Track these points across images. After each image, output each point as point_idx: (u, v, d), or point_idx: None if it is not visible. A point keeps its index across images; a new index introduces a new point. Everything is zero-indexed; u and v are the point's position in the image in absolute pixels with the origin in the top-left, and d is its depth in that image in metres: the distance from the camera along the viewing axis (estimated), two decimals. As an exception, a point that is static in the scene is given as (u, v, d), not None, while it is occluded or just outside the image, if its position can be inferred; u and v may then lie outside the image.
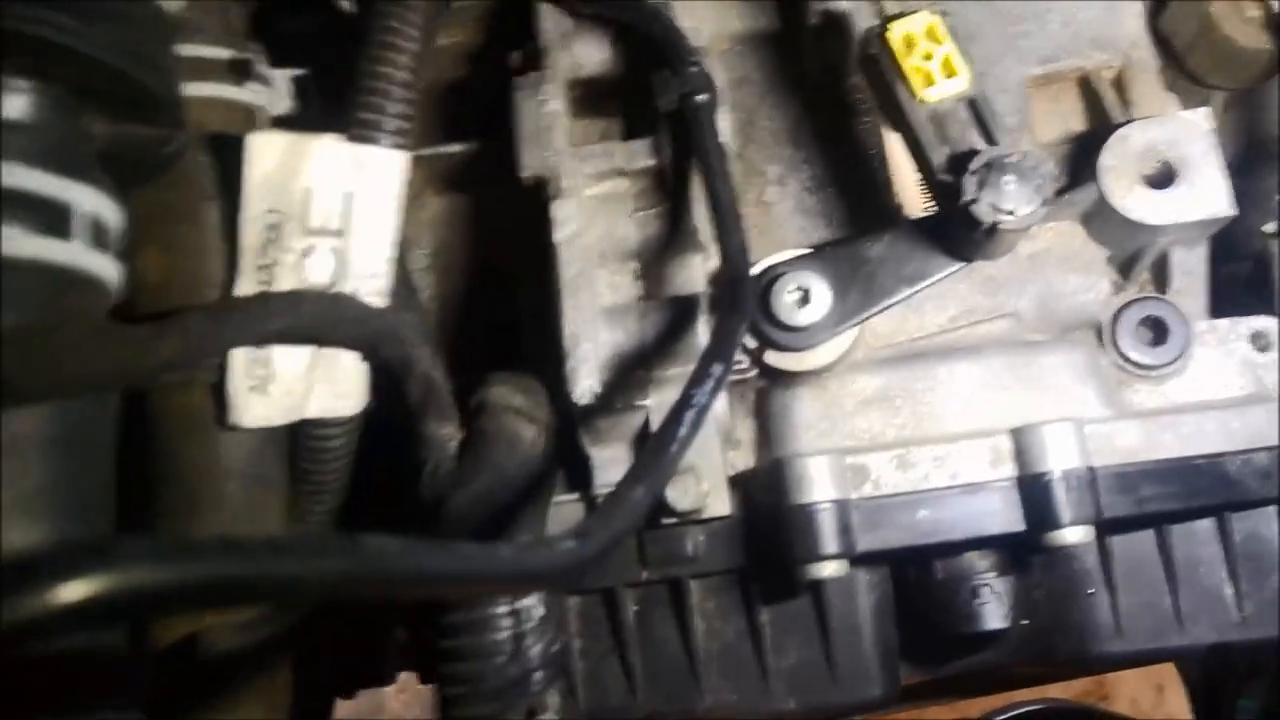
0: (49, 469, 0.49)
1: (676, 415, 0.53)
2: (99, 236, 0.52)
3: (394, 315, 0.62)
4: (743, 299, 0.60)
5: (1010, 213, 0.59)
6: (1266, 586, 0.69)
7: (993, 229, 0.59)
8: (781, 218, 0.75)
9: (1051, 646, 0.72)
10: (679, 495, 0.64)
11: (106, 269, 0.53)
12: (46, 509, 0.49)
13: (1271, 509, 0.69)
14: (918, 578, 0.69)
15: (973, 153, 0.61)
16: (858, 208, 0.73)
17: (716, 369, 0.56)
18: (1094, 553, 0.71)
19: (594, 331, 0.67)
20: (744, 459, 0.69)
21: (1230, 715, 1.00)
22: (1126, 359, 0.72)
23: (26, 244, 0.48)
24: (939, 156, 0.62)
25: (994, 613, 0.66)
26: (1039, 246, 0.73)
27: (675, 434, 0.52)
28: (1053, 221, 0.73)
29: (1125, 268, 0.74)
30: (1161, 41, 0.80)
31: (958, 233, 0.63)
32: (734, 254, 0.62)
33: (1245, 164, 0.92)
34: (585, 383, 0.66)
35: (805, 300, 0.65)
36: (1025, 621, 0.67)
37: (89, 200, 0.51)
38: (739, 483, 0.67)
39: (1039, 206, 0.59)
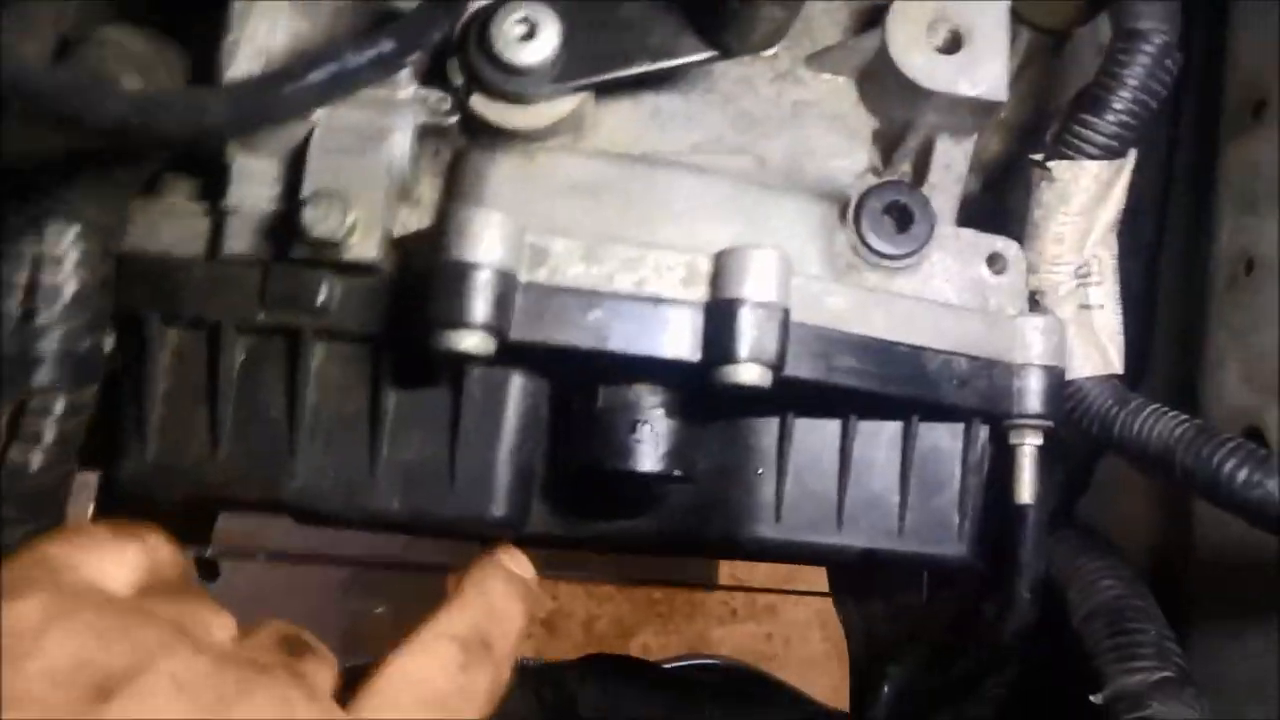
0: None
1: (311, 61, 0.42)
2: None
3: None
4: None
5: (771, -18, 0.51)
6: (932, 502, 0.65)
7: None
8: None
9: (706, 521, 0.65)
10: (316, 218, 0.52)
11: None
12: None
13: (959, 425, 0.66)
14: (579, 405, 0.60)
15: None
16: None
17: (387, 45, 0.46)
18: (773, 434, 0.65)
19: (275, 13, 0.55)
20: (419, 220, 0.58)
21: (880, 682, 0.99)
22: (864, 242, 0.66)
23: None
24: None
25: (649, 453, 0.59)
26: (807, 95, 0.66)
27: (300, 76, 0.41)
28: (827, 73, 0.67)
29: (889, 150, 0.69)
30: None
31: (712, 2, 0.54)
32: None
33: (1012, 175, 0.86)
34: (242, 66, 0.54)
35: (530, 36, 0.55)
36: (679, 473, 0.60)
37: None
38: (405, 244, 0.57)
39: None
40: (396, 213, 0.58)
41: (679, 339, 0.55)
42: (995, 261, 0.69)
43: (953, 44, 0.63)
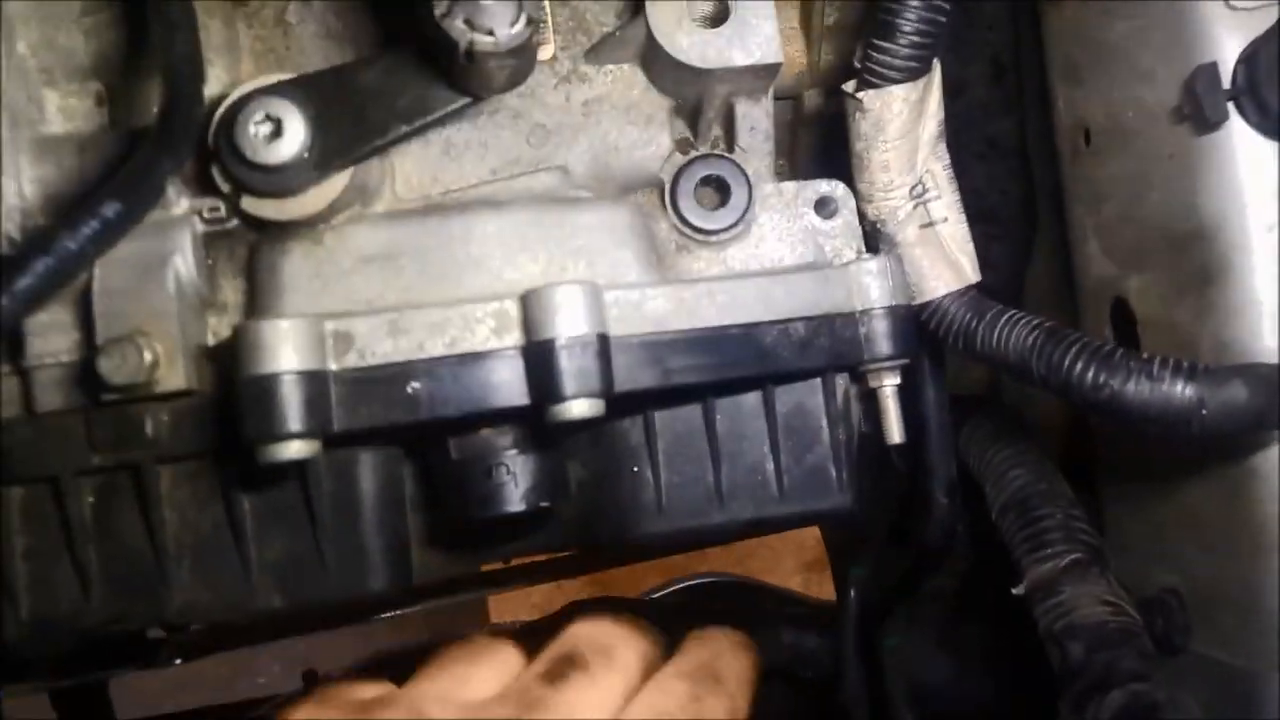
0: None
1: (24, 261, 0.42)
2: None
3: None
4: (174, 127, 0.49)
5: (489, 32, 0.50)
6: (806, 460, 0.67)
7: (470, 53, 0.50)
8: (303, 42, 0.62)
9: (594, 528, 0.67)
10: (113, 367, 0.52)
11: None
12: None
13: (817, 381, 0.66)
14: (435, 459, 0.61)
15: (463, -40, 0.51)
16: (392, 33, 0.61)
17: (110, 209, 0.45)
18: (640, 429, 0.66)
19: (14, 168, 0.54)
20: (229, 325, 0.58)
21: (845, 583, 1.03)
22: (686, 222, 0.66)
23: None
24: (430, -38, 0.52)
25: (511, 494, 0.60)
26: (595, 93, 0.65)
27: (14, 283, 0.41)
28: (610, 65, 0.65)
29: (693, 122, 0.68)
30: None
31: (443, 58, 0.53)
32: (175, 66, 0.50)
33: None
34: (5, 228, 0.53)
35: (277, 134, 0.54)
36: (546, 504, 0.61)
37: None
38: (217, 355, 0.57)
39: (521, 27, 0.50)
40: (204, 325, 0.58)
41: (503, 389, 0.55)
42: (824, 206, 0.69)
43: (718, 15, 0.61)
